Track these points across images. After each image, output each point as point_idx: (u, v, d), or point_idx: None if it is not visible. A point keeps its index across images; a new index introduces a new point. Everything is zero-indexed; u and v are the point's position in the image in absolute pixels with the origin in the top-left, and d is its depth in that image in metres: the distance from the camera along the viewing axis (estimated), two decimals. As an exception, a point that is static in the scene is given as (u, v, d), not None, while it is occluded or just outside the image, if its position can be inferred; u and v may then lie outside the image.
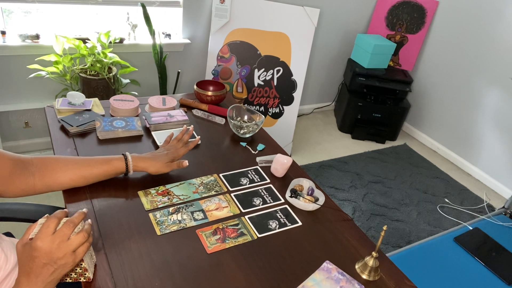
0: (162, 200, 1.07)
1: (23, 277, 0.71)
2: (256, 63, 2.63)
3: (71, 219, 0.75)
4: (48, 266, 0.71)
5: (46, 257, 0.70)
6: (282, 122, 2.80)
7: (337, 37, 3.31)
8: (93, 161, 1.03)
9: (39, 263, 0.70)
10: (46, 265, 0.71)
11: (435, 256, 1.64)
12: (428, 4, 3.15)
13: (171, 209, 1.04)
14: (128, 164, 1.06)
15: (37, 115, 2.39)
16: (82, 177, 1.01)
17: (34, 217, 1.14)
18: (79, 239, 0.73)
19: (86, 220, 0.82)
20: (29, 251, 0.71)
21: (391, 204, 2.56)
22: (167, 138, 1.22)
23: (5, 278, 0.86)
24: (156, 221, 1.00)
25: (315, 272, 0.92)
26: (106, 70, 2.13)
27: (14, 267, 0.87)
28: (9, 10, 2.18)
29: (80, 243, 0.74)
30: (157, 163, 1.09)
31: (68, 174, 0.98)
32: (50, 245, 0.70)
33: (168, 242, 0.95)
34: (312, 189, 1.16)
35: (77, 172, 0.99)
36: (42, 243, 0.70)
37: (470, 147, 3.04)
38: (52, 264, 0.71)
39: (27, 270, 0.71)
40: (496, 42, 2.77)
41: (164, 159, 1.10)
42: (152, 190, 1.10)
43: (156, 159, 1.09)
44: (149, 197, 1.07)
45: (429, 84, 3.31)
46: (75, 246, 0.73)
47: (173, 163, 1.13)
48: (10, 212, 1.10)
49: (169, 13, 2.56)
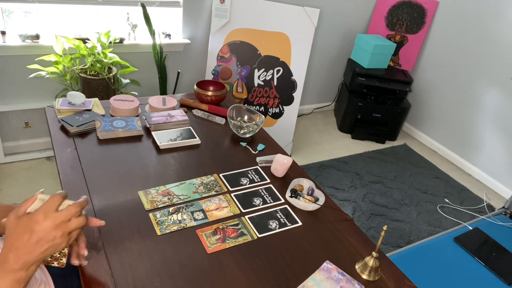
0: (162, 200, 1.07)
1: (11, 253, 0.67)
2: (256, 63, 2.63)
3: (79, 202, 0.73)
4: (42, 242, 0.68)
5: (44, 233, 0.68)
6: (282, 122, 2.80)
7: (337, 37, 3.31)
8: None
9: (35, 238, 0.68)
10: (41, 241, 0.68)
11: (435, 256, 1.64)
12: (428, 4, 3.15)
13: (171, 209, 1.04)
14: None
15: (37, 115, 2.39)
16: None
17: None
18: (79, 222, 0.72)
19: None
20: (27, 223, 0.68)
21: (391, 204, 2.56)
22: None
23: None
24: (156, 221, 1.00)
25: (315, 272, 0.92)
26: (106, 70, 2.13)
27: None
28: (9, 10, 2.18)
29: (78, 227, 0.72)
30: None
31: None
32: (52, 221, 0.69)
33: (168, 242, 0.95)
34: (312, 189, 1.16)
35: None
36: (45, 217, 0.68)
37: (470, 147, 3.04)
38: (47, 241, 0.68)
39: (17, 245, 0.67)
40: (496, 42, 2.77)
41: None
42: (152, 190, 1.10)
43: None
44: (149, 197, 1.07)
45: (429, 84, 3.31)
46: (72, 228, 0.71)
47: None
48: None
49: (169, 13, 2.56)
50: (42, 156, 2.47)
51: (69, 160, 1.17)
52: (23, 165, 2.39)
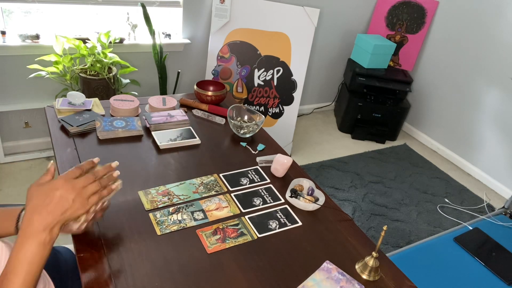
0: (162, 200, 1.07)
1: (34, 216, 0.73)
2: (256, 63, 2.63)
3: (97, 171, 0.82)
4: (62, 203, 0.74)
5: (63, 196, 0.74)
6: (282, 122, 2.80)
7: (337, 37, 3.31)
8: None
9: (55, 200, 0.74)
10: (60, 202, 0.74)
11: (435, 256, 1.64)
12: (428, 4, 3.15)
13: (171, 209, 1.04)
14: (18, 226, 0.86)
15: (37, 115, 2.39)
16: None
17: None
18: (92, 188, 0.79)
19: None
20: (48, 188, 0.75)
21: (391, 204, 2.56)
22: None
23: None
24: (156, 221, 1.00)
25: (315, 272, 0.92)
26: (106, 70, 2.13)
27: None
28: (9, 10, 2.18)
29: (92, 192, 0.79)
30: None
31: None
32: (71, 186, 0.76)
33: (168, 242, 0.95)
34: (312, 189, 1.16)
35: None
36: (64, 183, 0.76)
37: (470, 147, 3.04)
38: (66, 203, 0.75)
39: (39, 208, 0.73)
40: (496, 42, 2.77)
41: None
42: (152, 190, 1.10)
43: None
44: (149, 197, 1.07)
45: (429, 84, 3.31)
46: (89, 194, 0.78)
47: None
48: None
49: (169, 13, 2.56)
50: (42, 156, 2.47)
51: (69, 160, 1.17)
52: (23, 165, 2.39)
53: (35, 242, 0.72)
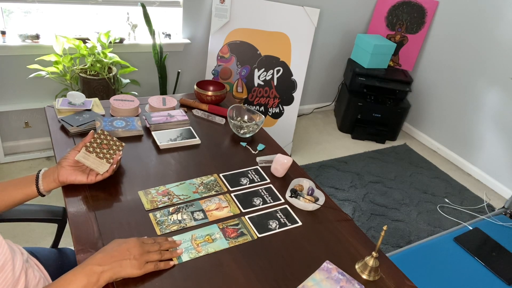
0: (162, 200, 1.07)
1: (100, 253, 0.82)
2: (256, 63, 2.63)
3: (163, 243, 0.90)
4: (126, 253, 0.82)
5: (132, 248, 0.84)
6: (282, 122, 2.80)
7: (337, 37, 3.31)
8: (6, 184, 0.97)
9: (123, 248, 0.83)
10: (125, 252, 0.82)
11: (435, 256, 1.64)
12: (428, 4, 3.15)
13: (171, 209, 1.04)
14: (39, 186, 0.98)
15: (37, 115, 2.39)
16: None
17: (35, 216, 1.14)
18: (154, 256, 0.86)
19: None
20: (124, 240, 0.86)
21: (391, 204, 2.56)
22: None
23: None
24: (156, 221, 1.00)
25: (315, 272, 0.92)
26: (106, 70, 2.13)
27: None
28: (9, 10, 2.18)
29: (152, 260, 0.85)
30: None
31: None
32: (141, 245, 0.86)
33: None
34: (312, 189, 1.16)
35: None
36: (138, 240, 0.86)
37: (470, 147, 3.04)
38: (128, 255, 0.82)
39: (107, 250, 0.83)
40: (496, 42, 2.77)
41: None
42: (152, 190, 1.10)
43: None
44: (149, 197, 1.07)
45: (429, 84, 3.31)
46: (149, 259, 0.85)
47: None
48: (12, 213, 1.11)
49: (169, 13, 2.56)
50: (42, 156, 2.47)
51: (69, 160, 1.17)
52: (23, 165, 2.39)
53: (86, 277, 0.77)
